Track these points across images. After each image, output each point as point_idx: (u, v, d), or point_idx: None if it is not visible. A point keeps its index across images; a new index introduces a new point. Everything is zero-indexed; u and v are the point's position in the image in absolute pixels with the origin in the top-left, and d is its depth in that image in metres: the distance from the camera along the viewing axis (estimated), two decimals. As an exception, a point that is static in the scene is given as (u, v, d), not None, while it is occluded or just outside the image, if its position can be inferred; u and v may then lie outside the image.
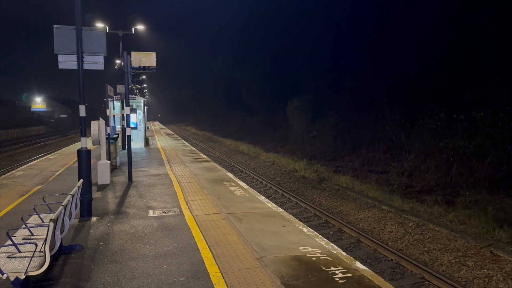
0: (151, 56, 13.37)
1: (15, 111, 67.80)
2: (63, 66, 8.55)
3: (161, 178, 13.92)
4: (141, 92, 53.51)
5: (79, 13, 8.41)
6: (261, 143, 37.80)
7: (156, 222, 8.31)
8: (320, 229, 11.74)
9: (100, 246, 6.82)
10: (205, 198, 10.53)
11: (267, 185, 18.39)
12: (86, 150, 8.63)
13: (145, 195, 10.99)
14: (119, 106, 22.29)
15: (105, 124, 11.85)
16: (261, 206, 9.75)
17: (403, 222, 12.08)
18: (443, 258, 9.45)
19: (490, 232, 10.70)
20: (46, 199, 7.31)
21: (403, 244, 10.55)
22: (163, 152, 22.85)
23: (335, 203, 15.00)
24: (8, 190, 11.88)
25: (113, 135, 15.48)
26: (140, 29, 24.15)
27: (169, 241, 7.07)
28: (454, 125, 19.29)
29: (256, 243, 6.90)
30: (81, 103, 8.55)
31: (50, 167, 17.03)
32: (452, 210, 12.97)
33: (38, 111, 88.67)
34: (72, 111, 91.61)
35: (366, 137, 26.69)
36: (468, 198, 14.26)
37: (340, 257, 6.25)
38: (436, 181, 17.25)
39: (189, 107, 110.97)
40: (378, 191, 16.06)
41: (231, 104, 65.61)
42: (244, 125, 53.41)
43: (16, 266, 4.63)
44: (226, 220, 8.41)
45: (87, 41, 8.55)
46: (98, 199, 10.43)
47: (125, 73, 13.52)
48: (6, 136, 46.60)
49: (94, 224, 8.16)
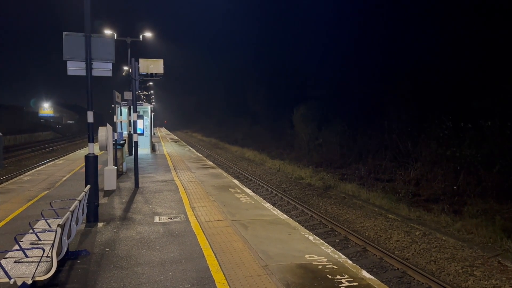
0: (158, 63, 13.47)
1: (23, 116, 68.37)
2: (71, 73, 8.65)
3: (167, 184, 13.96)
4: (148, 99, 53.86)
5: (88, 20, 8.51)
6: (267, 150, 37.80)
7: (162, 228, 8.32)
8: (326, 237, 11.69)
9: (106, 252, 6.84)
10: (211, 205, 10.54)
11: (272, 192, 18.36)
12: (94, 156, 8.68)
13: (151, 201, 11.02)
14: (126, 112, 22.44)
15: (112, 130, 11.92)
16: (267, 213, 9.73)
17: (410, 231, 12.00)
18: (450, 268, 9.36)
19: (498, 242, 10.60)
20: (53, 204, 7.35)
21: (410, 253, 10.47)
22: (169, 158, 22.91)
23: (341, 211, 14.94)
24: (16, 195, 11.96)
25: (120, 141, 15.57)
26: (148, 36, 24.33)
27: (175, 247, 7.07)
28: (461, 133, 19.18)
29: (261, 250, 6.88)
30: (89, 109, 8.62)
31: (57, 172, 17.13)
32: (459, 219, 12.87)
33: (45, 116, 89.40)
34: (80, 116, 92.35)
35: (373, 145, 26.59)
36: (476, 207, 14.14)
37: (346, 265, 6.22)
38: (443, 190, 17.13)
39: (195, 113, 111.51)
40: (385, 199, 15.97)
41: (237, 111, 65.84)
42: (250, 132, 53.45)
43: (23, 271, 4.66)
44: (231, 227, 8.41)
45: (96, 48, 8.64)
46: (104, 205, 10.47)
47: (132, 79, 13.63)
48: (14, 141, 46.97)
49: (100, 230, 8.19)
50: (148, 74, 13.72)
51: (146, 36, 24.40)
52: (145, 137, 26.37)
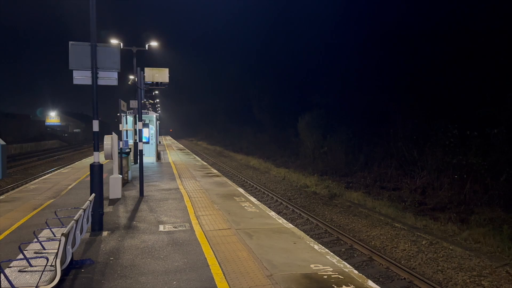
0: (164, 72, 13.54)
1: (30, 125, 68.83)
2: (77, 82, 8.69)
3: (172, 192, 13.95)
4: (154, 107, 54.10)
5: (94, 29, 8.58)
6: (271, 158, 37.76)
7: (166, 237, 8.30)
8: (332, 246, 11.60)
9: (111, 261, 6.82)
10: (216, 213, 10.51)
11: (277, 200, 18.29)
12: (99, 164, 8.70)
13: (156, 210, 11.01)
14: (132, 120, 22.53)
15: (117, 138, 11.96)
16: (272, 222, 9.68)
17: (416, 240, 11.89)
18: (458, 278, 9.25)
19: (506, 251, 10.47)
20: (58, 213, 7.37)
21: (416, 263, 10.36)
22: (174, 167, 22.93)
23: (347, 220, 14.84)
24: (21, 204, 12.00)
25: (126, 150, 15.61)
26: (154, 46, 24.50)
27: (179, 256, 7.04)
28: (468, 141, 19.06)
29: (266, 260, 6.83)
30: (95, 118, 8.65)
31: (63, 181, 17.19)
32: (466, 228, 12.75)
33: (52, 125, 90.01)
34: (86, 125, 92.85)
35: (378, 153, 26.48)
36: (483, 216, 14.01)
37: (352, 275, 6.15)
38: (449, 199, 16.99)
39: (200, 122, 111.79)
40: (391, 208, 15.87)
41: (242, 119, 65.93)
42: (255, 140, 53.46)
43: (27, 280, 4.65)
44: (236, 236, 8.37)
45: (102, 57, 8.69)
46: (109, 213, 10.48)
47: (138, 88, 13.69)
48: (20, 150, 47.24)
49: (105, 239, 8.18)
50: (154, 83, 13.80)
51: (152, 45, 24.58)
52: (150, 145, 26.43)
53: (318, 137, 34.25)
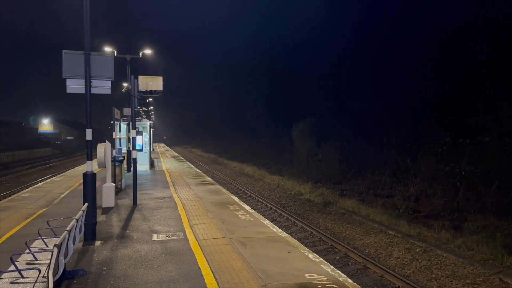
0: (158, 80, 13.55)
1: (23, 133, 68.45)
2: (71, 91, 8.67)
3: (166, 201, 13.89)
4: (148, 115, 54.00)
5: (87, 38, 8.57)
6: (266, 166, 37.74)
7: (160, 246, 8.25)
8: (326, 255, 11.59)
9: (104, 271, 6.76)
10: (210, 222, 10.47)
11: (272, 208, 18.27)
12: (92, 173, 8.66)
13: (150, 219, 10.94)
14: (126, 128, 22.46)
15: (111, 146, 11.91)
16: (266, 230, 9.66)
17: (410, 248, 11.91)
18: (451, 285, 9.27)
19: (499, 259, 10.51)
20: (50, 223, 7.29)
21: (411, 271, 10.37)
22: (168, 175, 22.85)
23: (341, 228, 14.85)
24: (13, 213, 11.88)
25: (119, 158, 15.53)
26: (147, 53, 24.52)
27: (173, 266, 7.00)
28: (460, 149, 19.19)
29: (260, 269, 6.81)
30: (88, 127, 8.62)
31: (55, 189, 17.06)
32: (460, 236, 12.79)
33: (45, 133, 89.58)
34: (79, 132, 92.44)
35: (372, 160, 26.57)
36: (476, 224, 14.07)
37: (347, 284, 6.15)
38: (443, 206, 17.06)
39: (194, 129, 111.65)
40: (385, 215, 15.89)
41: (237, 126, 65.87)
42: (249, 148, 53.45)
43: (18, 292, 4.60)
44: (230, 245, 8.33)
45: (95, 65, 8.68)
46: (102, 223, 10.40)
47: (132, 96, 13.67)
48: (12, 158, 46.88)
49: (98, 248, 8.11)
50: (148, 91, 13.81)
51: (146, 53, 24.60)
52: (144, 153, 26.31)
53: (312, 144, 34.33)
